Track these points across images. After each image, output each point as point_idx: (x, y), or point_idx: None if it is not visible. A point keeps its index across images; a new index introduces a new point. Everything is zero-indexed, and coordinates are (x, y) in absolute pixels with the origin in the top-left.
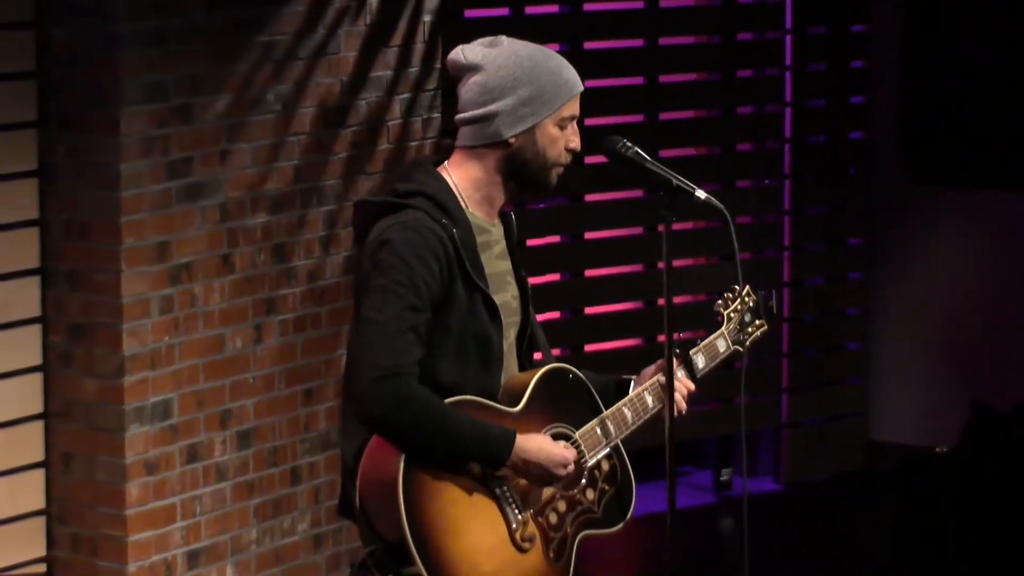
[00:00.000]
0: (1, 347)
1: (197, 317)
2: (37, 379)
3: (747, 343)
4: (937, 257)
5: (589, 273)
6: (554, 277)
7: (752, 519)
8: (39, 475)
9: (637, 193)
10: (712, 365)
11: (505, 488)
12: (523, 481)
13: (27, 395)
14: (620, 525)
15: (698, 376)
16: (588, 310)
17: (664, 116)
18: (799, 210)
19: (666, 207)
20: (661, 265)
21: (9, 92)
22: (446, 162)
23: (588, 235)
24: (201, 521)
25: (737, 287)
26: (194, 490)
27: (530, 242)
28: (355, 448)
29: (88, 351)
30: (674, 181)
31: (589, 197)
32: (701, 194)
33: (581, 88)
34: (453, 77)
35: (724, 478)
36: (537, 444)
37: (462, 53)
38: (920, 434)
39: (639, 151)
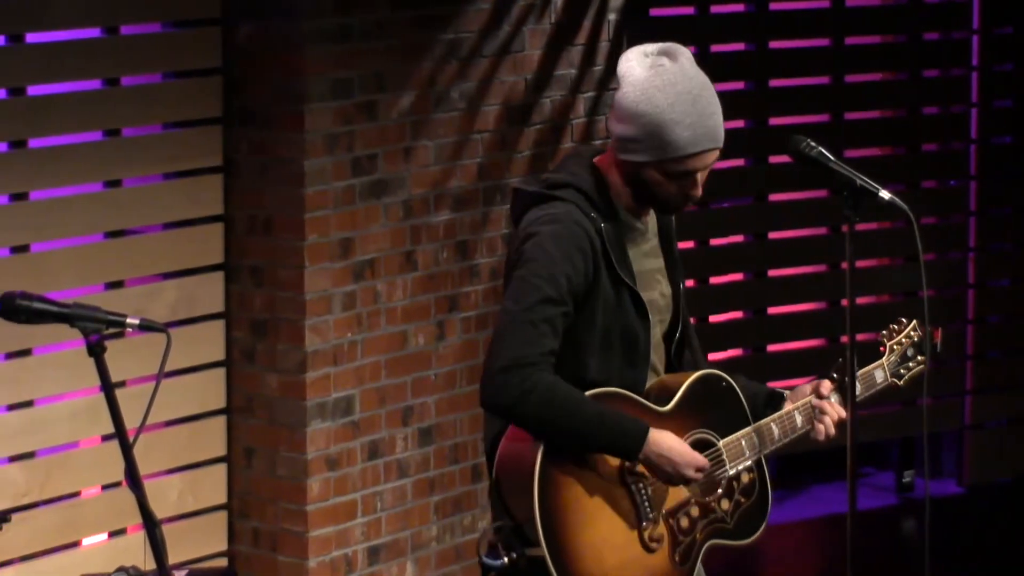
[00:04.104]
0: (185, 342)
1: (379, 314)
2: (220, 374)
3: (905, 378)
4: None
5: (772, 273)
6: (737, 277)
7: (934, 521)
8: (221, 470)
9: (821, 193)
10: (867, 394)
11: (641, 486)
12: (659, 481)
13: (210, 390)
14: (750, 540)
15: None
16: (771, 310)
17: (849, 116)
18: (984, 211)
19: (850, 207)
20: (844, 265)
21: (195, 88)
22: (601, 155)
23: (772, 235)
24: (381, 517)
25: (904, 319)
26: (375, 486)
27: (713, 242)
28: (493, 433)
29: (271, 347)
30: (858, 181)
31: (773, 197)
32: (885, 194)
33: (695, 151)
34: None
35: (906, 480)
36: (668, 443)
37: (624, 61)
38: None
39: (823, 151)
